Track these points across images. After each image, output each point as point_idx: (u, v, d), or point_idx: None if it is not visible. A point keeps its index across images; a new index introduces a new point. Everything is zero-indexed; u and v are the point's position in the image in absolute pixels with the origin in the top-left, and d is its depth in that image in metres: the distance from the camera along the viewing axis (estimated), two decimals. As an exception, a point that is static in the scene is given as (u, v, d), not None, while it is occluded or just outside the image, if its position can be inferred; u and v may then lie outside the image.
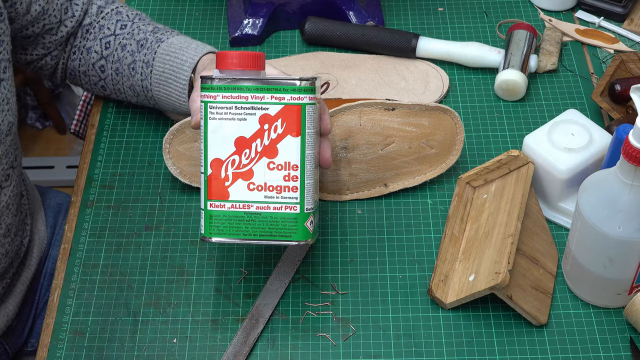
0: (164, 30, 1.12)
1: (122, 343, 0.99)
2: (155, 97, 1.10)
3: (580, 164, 1.04)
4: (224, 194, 0.91)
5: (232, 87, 0.89)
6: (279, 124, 0.89)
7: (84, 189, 1.14)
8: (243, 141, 0.90)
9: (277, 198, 0.90)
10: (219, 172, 0.90)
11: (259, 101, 0.89)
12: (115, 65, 1.11)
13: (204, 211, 0.92)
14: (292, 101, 0.89)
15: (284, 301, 1.02)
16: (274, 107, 0.89)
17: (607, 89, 1.16)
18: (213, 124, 0.90)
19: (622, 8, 1.32)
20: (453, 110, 1.09)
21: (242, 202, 0.91)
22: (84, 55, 1.13)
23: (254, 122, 0.89)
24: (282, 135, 0.90)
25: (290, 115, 0.89)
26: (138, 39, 1.10)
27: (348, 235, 1.08)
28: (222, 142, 0.90)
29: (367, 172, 1.09)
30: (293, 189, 0.90)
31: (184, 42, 1.09)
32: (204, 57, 1.07)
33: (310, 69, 1.26)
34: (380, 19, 1.33)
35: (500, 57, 1.24)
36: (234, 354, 0.97)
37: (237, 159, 0.90)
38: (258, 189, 0.90)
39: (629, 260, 0.94)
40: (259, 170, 0.90)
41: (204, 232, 0.92)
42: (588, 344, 0.98)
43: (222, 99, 0.89)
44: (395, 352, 0.97)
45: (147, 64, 1.08)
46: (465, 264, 1.01)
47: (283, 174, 0.90)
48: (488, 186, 1.09)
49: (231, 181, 0.90)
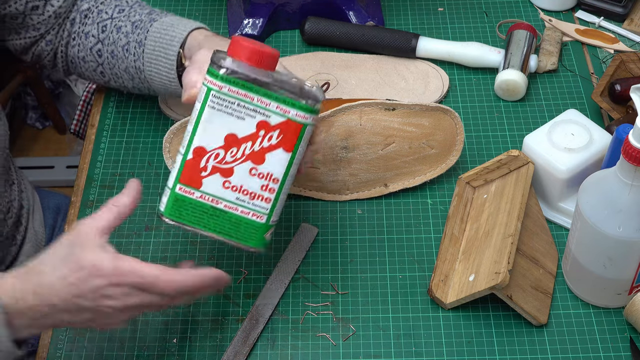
0: (158, 12, 1.10)
1: (122, 343, 0.99)
2: (147, 77, 1.08)
3: (580, 164, 1.04)
4: (196, 183, 0.88)
5: (242, 84, 0.86)
6: (275, 134, 0.87)
7: (84, 189, 1.14)
8: (233, 139, 0.87)
9: (248, 204, 0.89)
10: (199, 160, 0.88)
11: (264, 106, 0.86)
12: (111, 47, 1.10)
13: (170, 191, 0.88)
14: (296, 118, 0.87)
15: (284, 301, 1.02)
16: (276, 117, 0.87)
17: (607, 89, 1.16)
18: (209, 112, 0.87)
19: (622, 8, 1.32)
20: (453, 110, 1.09)
21: (213, 196, 0.88)
22: (82, 40, 1.13)
23: (251, 124, 0.87)
24: (274, 147, 0.88)
25: (290, 130, 0.87)
26: (133, 21, 1.09)
27: (348, 235, 1.08)
28: (212, 133, 0.87)
29: (367, 172, 1.09)
30: (266, 200, 0.89)
31: (175, 19, 1.07)
32: (193, 32, 1.04)
33: (310, 69, 1.26)
34: (380, 19, 1.33)
35: (500, 57, 1.24)
36: (234, 354, 0.97)
37: (221, 154, 0.88)
38: (232, 189, 0.88)
39: (629, 260, 0.94)
40: (239, 172, 0.88)
41: (164, 211, 0.89)
42: (588, 344, 0.98)
43: (228, 91, 0.86)
44: (395, 352, 0.97)
45: (140, 44, 1.07)
46: (465, 264, 1.02)
47: (262, 183, 0.88)
48: (488, 186, 1.09)
49: (208, 173, 0.88)
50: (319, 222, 1.09)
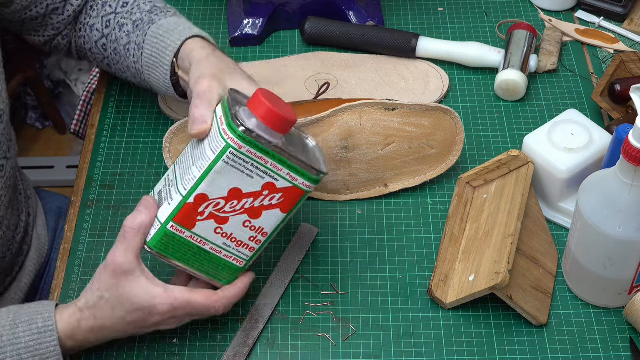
0: (160, 10, 1.09)
1: (122, 343, 0.99)
2: (146, 80, 1.08)
3: (580, 164, 1.04)
4: (190, 225, 0.89)
5: (261, 148, 0.86)
6: (277, 196, 0.89)
7: (84, 189, 1.14)
8: (237, 193, 0.88)
9: (233, 250, 0.92)
10: (199, 205, 0.88)
11: (275, 170, 0.88)
12: (114, 45, 1.10)
13: (161, 226, 0.89)
14: (302, 186, 0.89)
15: (284, 301, 1.02)
16: (283, 182, 0.88)
17: (607, 89, 1.16)
18: (222, 166, 0.86)
19: (622, 8, 1.31)
20: (453, 110, 1.09)
21: (202, 238, 0.90)
22: (88, 32, 1.13)
23: (258, 183, 0.88)
24: (273, 206, 0.90)
25: (292, 195, 0.90)
26: (134, 19, 1.08)
27: (348, 235, 1.08)
28: (219, 184, 0.87)
29: (367, 172, 1.09)
30: (250, 249, 0.92)
31: (172, 24, 1.05)
32: (188, 40, 1.03)
33: (310, 69, 1.26)
34: (380, 19, 1.33)
35: (500, 57, 1.24)
36: (234, 354, 0.97)
37: (221, 204, 0.88)
38: (222, 235, 0.90)
39: (629, 260, 0.94)
40: (234, 222, 0.90)
41: (149, 242, 0.90)
42: (588, 344, 0.98)
43: (246, 152, 0.86)
44: (395, 352, 0.97)
45: (139, 46, 1.06)
46: (465, 264, 1.01)
47: (251, 234, 0.91)
48: (488, 186, 1.09)
49: (204, 218, 0.89)
50: (319, 222, 1.09)
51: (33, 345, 0.89)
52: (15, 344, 0.89)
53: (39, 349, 0.89)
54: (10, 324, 0.89)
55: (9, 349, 0.88)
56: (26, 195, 1.18)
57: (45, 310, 0.91)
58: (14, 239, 1.12)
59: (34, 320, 0.90)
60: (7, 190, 1.06)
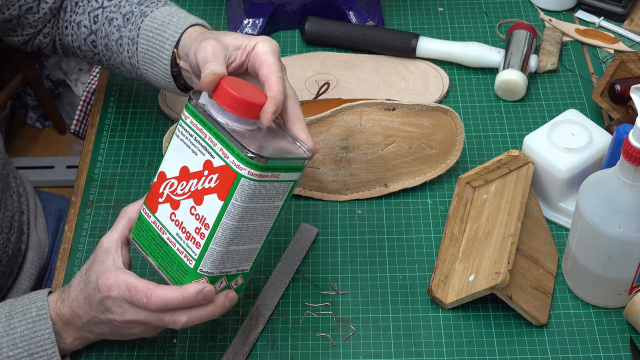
0: (150, 1, 1.06)
1: (122, 343, 0.99)
2: (144, 75, 1.06)
3: (580, 164, 1.04)
4: (154, 207, 0.88)
5: (200, 118, 0.84)
6: (214, 177, 0.83)
7: (84, 189, 1.14)
8: (186, 173, 0.86)
9: (183, 242, 0.86)
10: (160, 185, 0.87)
11: (211, 146, 0.83)
12: (104, 41, 1.08)
13: (140, 210, 0.90)
14: (232, 165, 0.82)
15: (284, 301, 1.02)
16: (218, 160, 0.83)
17: (607, 89, 1.16)
18: (176, 141, 0.86)
19: (622, 8, 1.32)
20: (453, 110, 1.09)
21: (161, 225, 0.87)
22: (75, 30, 1.10)
23: (200, 161, 0.85)
24: (211, 190, 0.84)
25: (225, 177, 0.83)
26: (124, 12, 1.06)
27: (348, 235, 1.08)
28: (173, 162, 0.86)
29: (367, 172, 1.09)
30: (197, 244, 0.85)
31: (167, 15, 1.02)
32: (188, 29, 1.00)
33: (310, 69, 1.26)
34: (380, 19, 1.33)
35: (500, 57, 1.24)
36: (234, 354, 0.97)
37: (175, 184, 0.86)
38: (176, 223, 0.86)
39: (629, 260, 0.94)
40: (183, 208, 0.86)
41: (132, 231, 0.90)
42: (588, 344, 0.98)
43: (190, 123, 0.85)
44: (395, 352, 0.97)
45: (133, 41, 1.04)
46: (465, 264, 1.02)
47: (197, 225, 0.85)
48: (488, 186, 1.09)
49: (163, 200, 0.87)
50: (319, 222, 1.09)
51: (28, 334, 0.90)
52: (11, 334, 0.90)
53: (33, 337, 0.90)
54: (6, 315, 0.91)
55: (5, 339, 0.90)
56: (18, 193, 1.17)
57: (38, 298, 0.92)
58: (9, 240, 1.12)
59: (29, 309, 0.91)
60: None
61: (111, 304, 0.87)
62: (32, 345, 0.90)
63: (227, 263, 0.87)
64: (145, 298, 0.84)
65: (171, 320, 0.86)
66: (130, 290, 0.85)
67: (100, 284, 0.87)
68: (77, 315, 0.91)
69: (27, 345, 0.90)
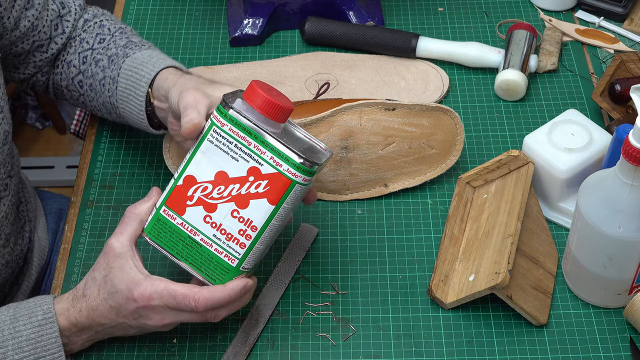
0: (135, 45, 1.08)
1: (122, 343, 0.99)
2: (122, 114, 1.07)
3: (580, 164, 1.04)
4: (181, 209, 0.89)
5: (243, 127, 0.86)
6: (263, 183, 0.87)
7: (84, 189, 1.14)
8: (224, 177, 0.88)
9: (223, 243, 0.89)
10: (188, 188, 0.88)
11: (259, 154, 0.86)
12: (90, 80, 1.09)
13: (156, 211, 0.90)
14: (287, 173, 0.86)
15: (284, 301, 1.02)
16: (267, 167, 0.86)
17: (607, 89, 1.16)
18: (207, 145, 0.87)
19: (622, 8, 1.32)
20: (453, 110, 1.09)
21: (192, 226, 0.89)
22: (65, 69, 1.11)
23: (243, 167, 0.87)
24: (260, 195, 0.87)
25: (278, 184, 0.87)
26: (109, 55, 1.08)
27: (348, 235, 1.08)
28: (205, 166, 0.88)
29: (367, 172, 1.09)
30: (241, 245, 0.89)
31: (147, 56, 1.04)
32: (163, 71, 1.01)
33: (310, 69, 1.26)
34: (380, 19, 1.33)
35: (500, 57, 1.24)
36: (234, 354, 0.97)
37: (209, 188, 0.88)
38: (212, 225, 0.89)
39: (629, 260, 0.94)
40: (222, 211, 0.88)
41: (145, 228, 0.91)
42: (588, 344, 0.98)
43: (229, 131, 0.86)
44: (395, 352, 0.97)
45: (114, 80, 1.05)
46: (465, 264, 1.02)
47: (240, 227, 0.88)
48: (488, 186, 1.09)
49: (193, 203, 0.88)
50: (319, 222, 1.09)
51: (34, 338, 0.90)
52: (17, 337, 0.90)
53: (40, 341, 0.90)
54: (11, 319, 0.91)
55: (10, 342, 0.89)
56: (26, 200, 1.18)
57: (44, 302, 0.92)
58: (22, 252, 1.13)
59: (34, 313, 0.91)
60: (12, 208, 1.07)
61: (149, 311, 0.89)
62: (38, 349, 0.90)
63: (258, 259, 0.92)
64: (194, 302, 0.87)
65: (213, 316, 0.90)
66: (176, 298, 0.88)
67: (137, 295, 0.88)
68: (99, 323, 0.92)
69: (33, 349, 0.90)
